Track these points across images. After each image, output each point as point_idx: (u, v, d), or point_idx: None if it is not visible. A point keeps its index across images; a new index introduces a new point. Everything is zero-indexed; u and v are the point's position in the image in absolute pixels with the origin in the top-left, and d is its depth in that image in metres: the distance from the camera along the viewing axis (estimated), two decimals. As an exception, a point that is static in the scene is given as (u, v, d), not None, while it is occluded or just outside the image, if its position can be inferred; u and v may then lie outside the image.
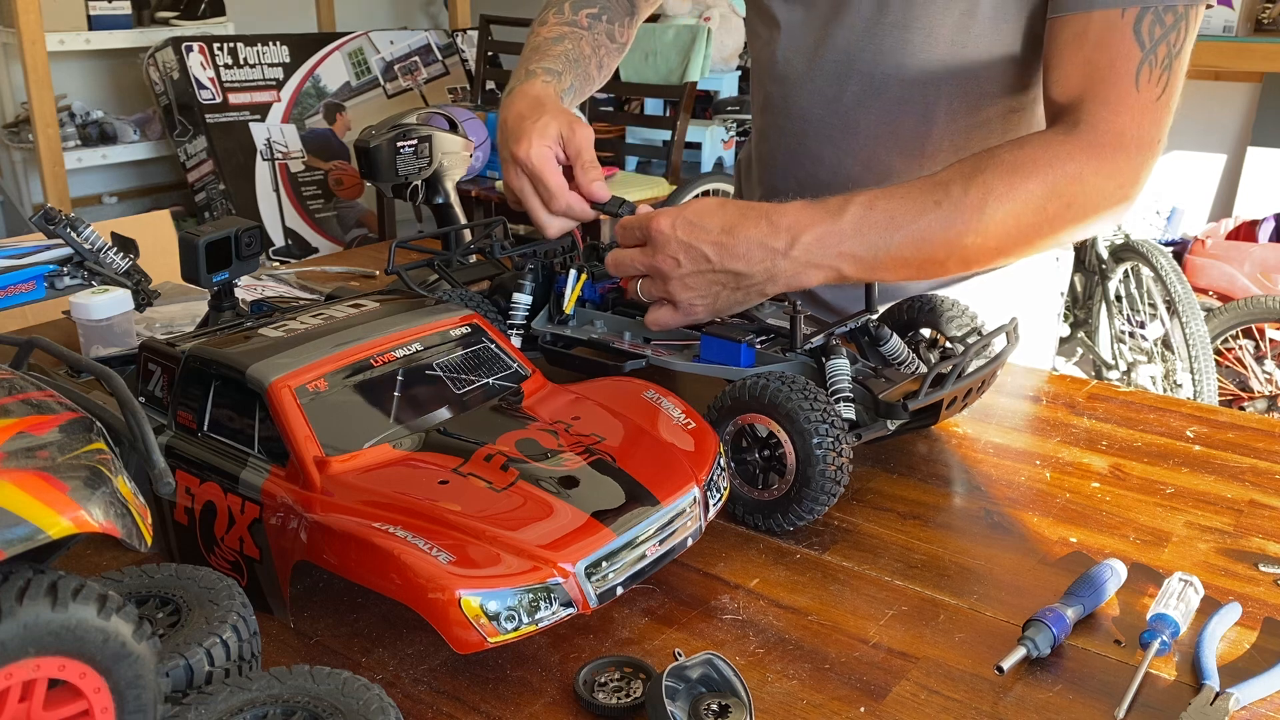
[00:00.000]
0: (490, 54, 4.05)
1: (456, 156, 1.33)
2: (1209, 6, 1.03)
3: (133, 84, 3.95)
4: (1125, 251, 3.07)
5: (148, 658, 0.45)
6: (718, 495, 0.75)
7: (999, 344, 0.93)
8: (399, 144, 1.27)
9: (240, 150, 3.70)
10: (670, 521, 0.69)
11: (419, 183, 1.32)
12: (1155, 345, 3.09)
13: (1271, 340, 2.94)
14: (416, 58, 4.23)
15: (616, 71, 4.07)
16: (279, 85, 3.83)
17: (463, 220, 1.37)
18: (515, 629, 0.60)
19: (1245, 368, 2.99)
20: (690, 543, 0.71)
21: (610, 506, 0.67)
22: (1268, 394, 2.96)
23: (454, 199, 1.36)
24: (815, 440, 0.77)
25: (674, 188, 3.23)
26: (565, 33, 1.22)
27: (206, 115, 3.63)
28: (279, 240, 3.74)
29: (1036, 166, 0.91)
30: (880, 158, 1.15)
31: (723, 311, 0.92)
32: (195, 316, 1.22)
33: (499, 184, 3.36)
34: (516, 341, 0.98)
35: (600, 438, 0.74)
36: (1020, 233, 0.92)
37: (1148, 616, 0.69)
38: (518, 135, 1.02)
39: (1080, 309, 3.30)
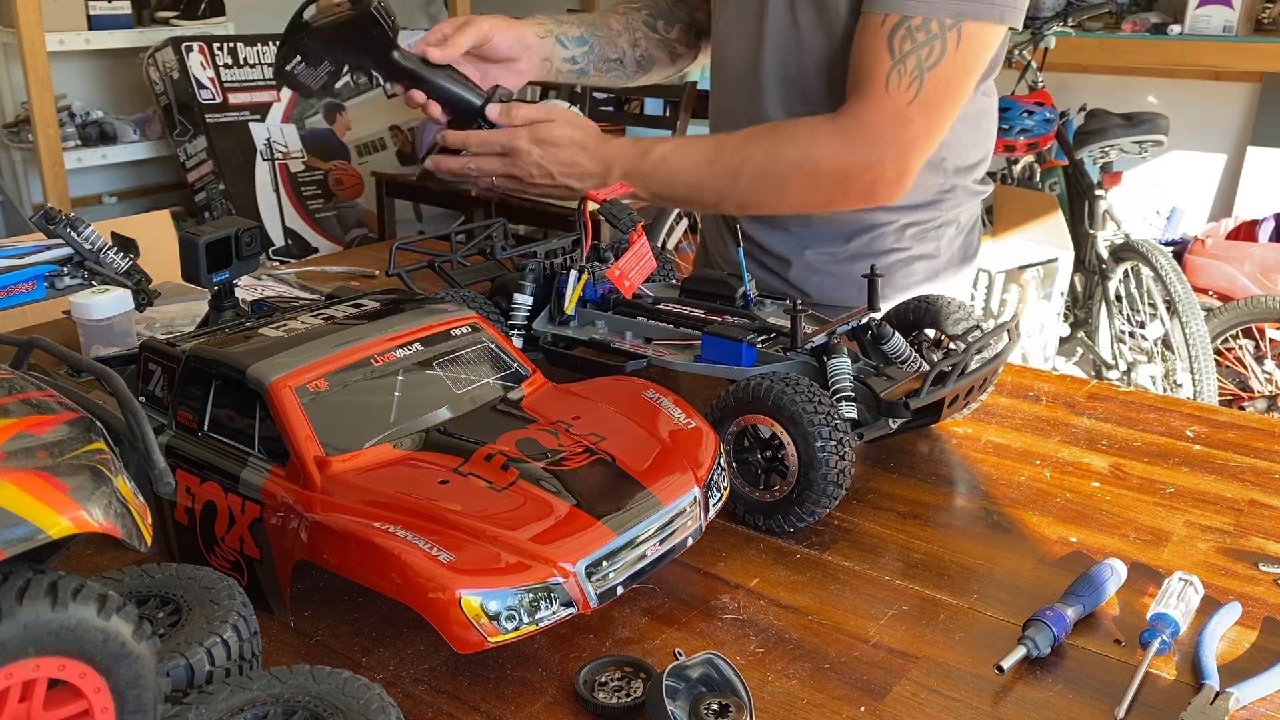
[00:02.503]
0: (490, 54, 4.04)
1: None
2: (1014, 30, 1.13)
3: (133, 84, 3.94)
4: (1125, 251, 3.07)
5: (148, 657, 0.45)
6: (718, 495, 0.75)
7: (1000, 342, 0.93)
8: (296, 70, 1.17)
9: (240, 150, 3.69)
10: (670, 521, 0.69)
11: (370, 74, 1.19)
12: (1155, 345, 3.08)
13: (1271, 340, 2.93)
14: (416, 58, 4.23)
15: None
16: (279, 85, 3.83)
17: (450, 85, 1.21)
18: (515, 629, 0.60)
19: (1245, 368, 2.99)
20: (690, 542, 0.71)
21: (610, 506, 0.67)
22: (1268, 394, 2.96)
23: (416, 63, 1.18)
24: (818, 444, 0.76)
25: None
26: (595, 15, 1.42)
27: (206, 115, 3.62)
28: (279, 240, 3.73)
29: (798, 141, 1.12)
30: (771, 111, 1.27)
31: (549, 196, 1.18)
32: (195, 316, 1.21)
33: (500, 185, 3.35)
34: (518, 342, 0.98)
35: (600, 437, 0.74)
36: (769, 192, 1.14)
37: (1148, 616, 0.69)
38: None
39: (1080, 309, 3.29)
